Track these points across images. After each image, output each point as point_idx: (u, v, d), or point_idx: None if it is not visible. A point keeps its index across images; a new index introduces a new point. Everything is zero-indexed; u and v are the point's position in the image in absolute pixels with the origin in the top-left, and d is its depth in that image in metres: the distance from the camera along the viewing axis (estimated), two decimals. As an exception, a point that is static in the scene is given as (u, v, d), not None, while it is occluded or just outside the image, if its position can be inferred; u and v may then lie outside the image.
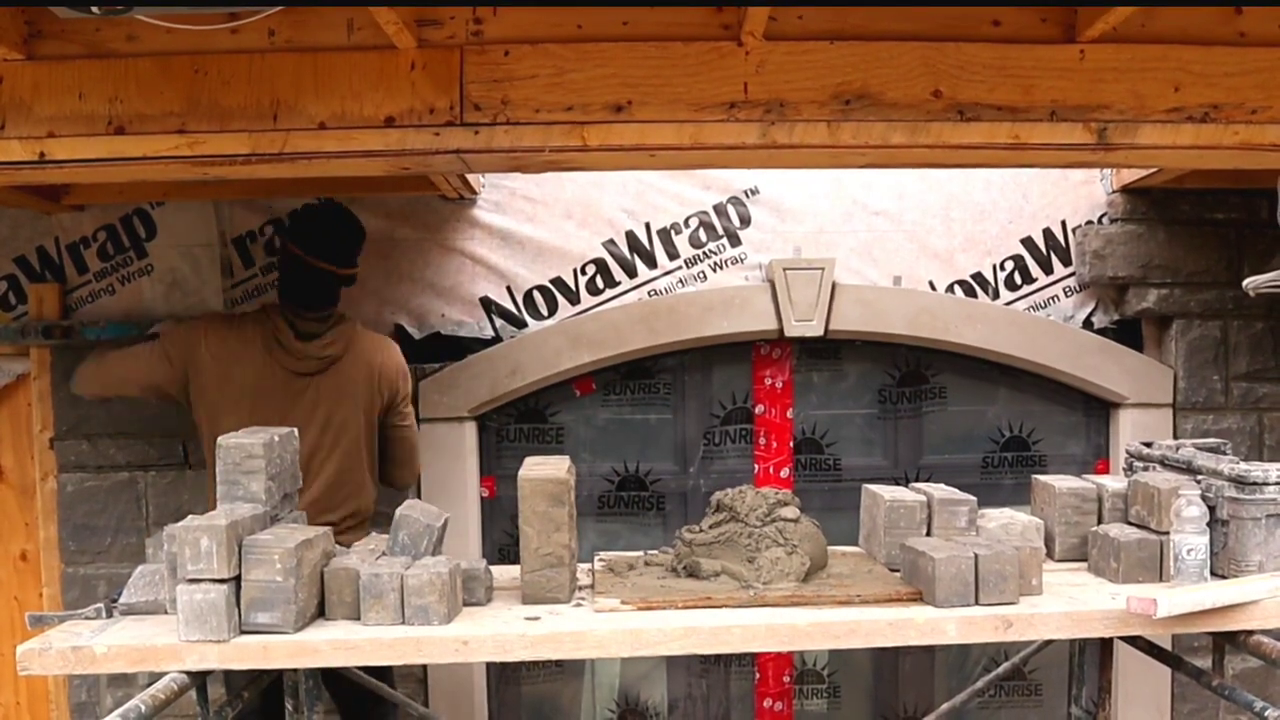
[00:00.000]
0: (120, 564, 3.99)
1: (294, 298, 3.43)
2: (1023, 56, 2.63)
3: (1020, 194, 4.22)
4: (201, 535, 2.41)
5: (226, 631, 2.43)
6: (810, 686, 4.38)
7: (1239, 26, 2.66)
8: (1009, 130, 2.64)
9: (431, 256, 4.12)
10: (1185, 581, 2.71)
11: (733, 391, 4.32)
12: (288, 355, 3.36)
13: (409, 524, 2.79)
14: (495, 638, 2.53)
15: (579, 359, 4.11)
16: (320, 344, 3.39)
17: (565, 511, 2.73)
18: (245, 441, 2.66)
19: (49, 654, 2.45)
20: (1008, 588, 2.64)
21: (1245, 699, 2.70)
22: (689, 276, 4.17)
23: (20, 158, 2.60)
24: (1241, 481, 2.79)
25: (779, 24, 2.56)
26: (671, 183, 4.14)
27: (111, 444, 4.01)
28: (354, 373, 3.44)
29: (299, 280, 3.43)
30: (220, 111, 2.58)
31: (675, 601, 2.67)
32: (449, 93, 2.59)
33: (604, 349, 4.12)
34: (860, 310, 4.15)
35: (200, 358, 3.37)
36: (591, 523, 4.25)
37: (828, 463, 4.34)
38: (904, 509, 3.01)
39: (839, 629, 2.58)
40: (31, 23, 2.56)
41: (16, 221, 4.04)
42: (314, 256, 3.39)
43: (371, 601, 2.55)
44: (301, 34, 2.59)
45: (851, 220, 4.21)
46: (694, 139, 2.62)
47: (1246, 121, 2.67)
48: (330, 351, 3.40)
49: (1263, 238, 4.06)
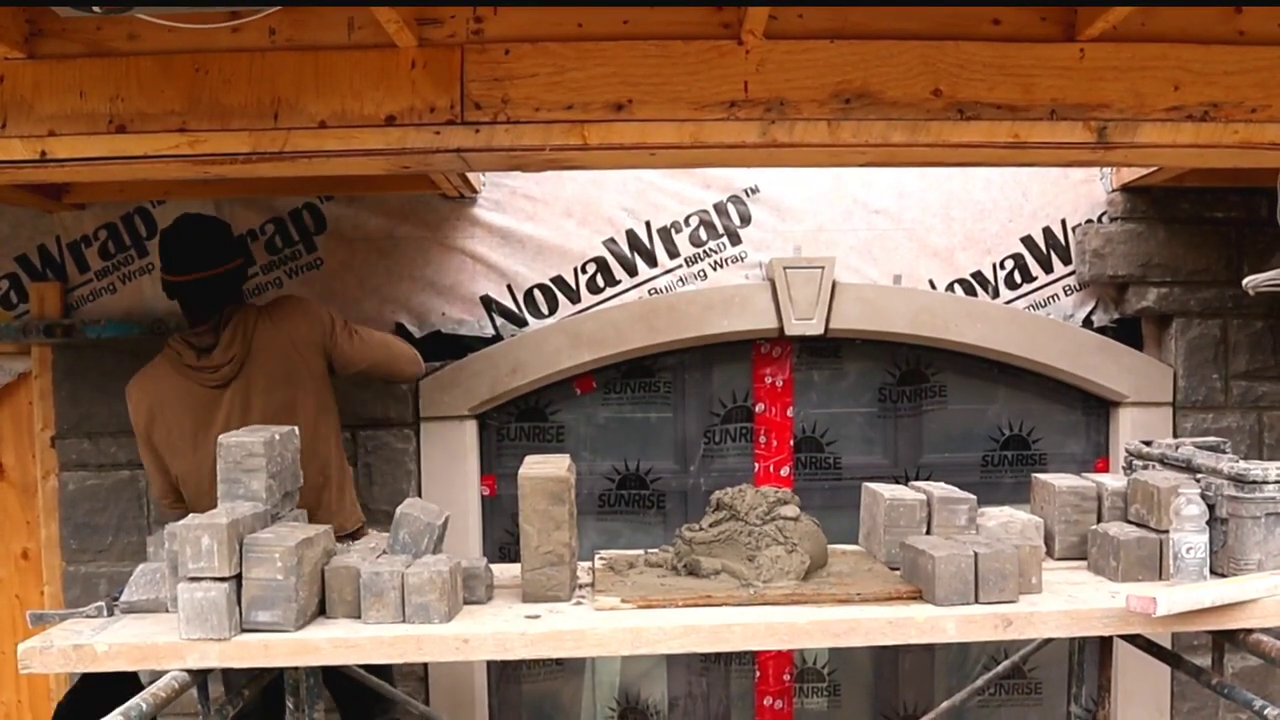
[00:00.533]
0: (121, 562, 4.00)
1: (185, 318, 3.38)
2: (1022, 55, 2.63)
3: (1020, 192, 4.23)
4: (202, 534, 2.41)
5: (227, 630, 2.43)
6: (810, 685, 4.38)
7: (1238, 25, 2.66)
8: (1009, 129, 2.65)
9: (432, 255, 4.13)
10: (1185, 580, 2.71)
11: (733, 390, 4.32)
12: (199, 374, 3.28)
13: (409, 522, 2.80)
14: (496, 636, 2.53)
15: (579, 357, 4.12)
16: (220, 351, 3.27)
17: (566, 510, 2.73)
18: (246, 440, 2.67)
19: (50, 652, 2.45)
20: (1007, 586, 2.64)
21: (1245, 697, 2.70)
22: (689, 275, 4.17)
23: (21, 156, 2.61)
24: (1241, 480, 2.80)
25: (779, 23, 2.57)
26: (672, 181, 4.15)
27: (113, 442, 4.01)
28: (270, 357, 3.31)
29: (176, 299, 3.36)
30: (221, 110, 2.59)
31: (675, 600, 2.67)
32: (449, 91, 2.59)
33: (604, 347, 4.12)
34: (860, 309, 4.15)
35: (146, 431, 3.32)
36: (592, 521, 4.26)
37: (828, 461, 4.35)
38: (904, 507, 3.01)
39: (839, 627, 2.58)
40: (33, 21, 2.57)
41: (18, 220, 4.05)
42: (169, 272, 3.33)
43: (372, 600, 2.55)
44: (302, 33, 2.59)
45: (851, 219, 4.21)
46: (694, 138, 2.62)
47: (1246, 120, 2.67)
48: (233, 353, 3.27)
49: (1262, 236, 4.07)
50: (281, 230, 4.09)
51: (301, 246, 4.09)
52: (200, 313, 3.32)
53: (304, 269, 4.09)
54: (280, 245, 4.09)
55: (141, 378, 3.37)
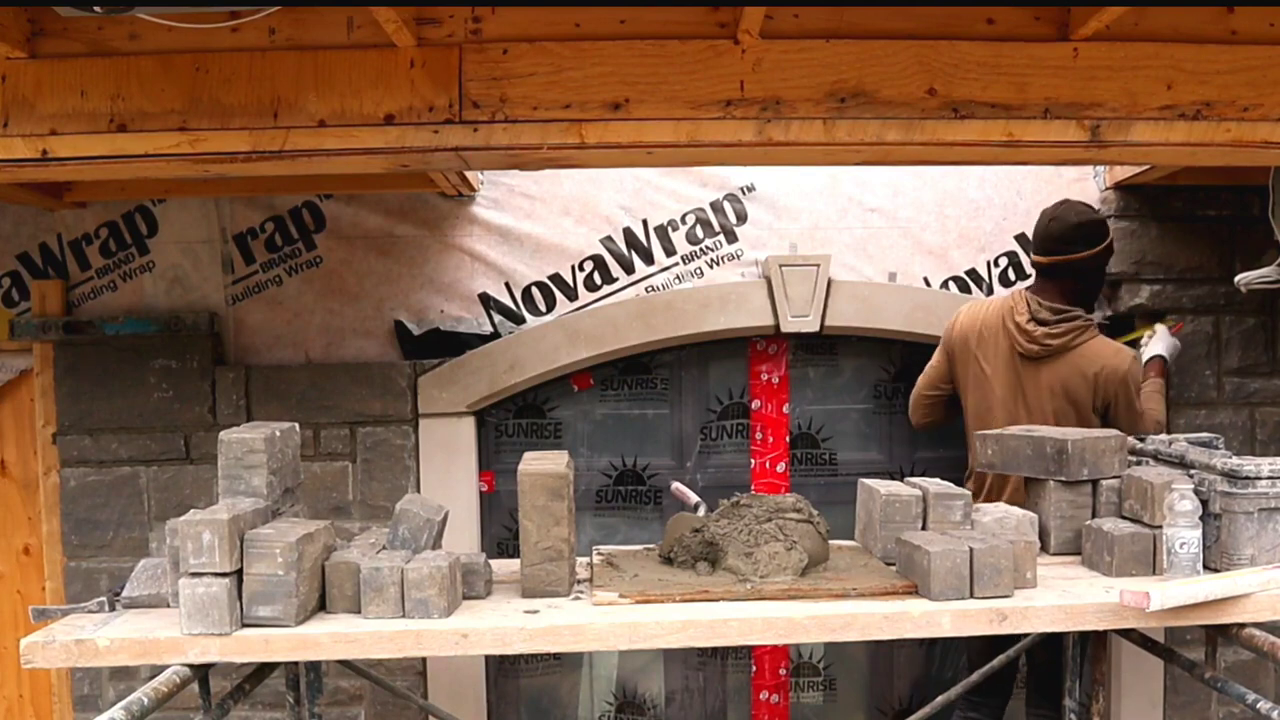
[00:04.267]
0: (122, 558, 4.02)
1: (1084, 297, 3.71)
2: (1016, 55, 2.65)
3: (1014, 191, 4.25)
4: (204, 529, 2.42)
5: (228, 625, 2.45)
6: (806, 679, 4.41)
7: (1230, 25, 2.68)
8: (1003, 128, 2.66)
9: (430, 253, 4.14)
10: (1178, 575, 2.72)
11: (729, 387, 4.34)
12: (1019, 335, 3.61)
13: (409, 518, 2.81)
14: (495, 631, 2.55)
15: (577, 355, 4.14)
16: (1047, 331, 3.58)
17: (564, 506, 2.75)
18: (246, 436, 2.68)
19: (52, 647, 2.46)
20: (1002, 581, 2.66)
21: (1237, 691, 2.72)
22: (686, 273, 4.19)
23: (23, 155, 2.62)
24: (1234, 476, 2.81)
25: (775, 22, 2.58)
26: (669, 180, 4.16)
27: (113, 439, 4.03)
28: (1073, 371, 3.58)
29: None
30: (221, 109, 2.60)
31: (673, 595, 2.69)
32: (448, 90, 2.61)
33: (602, 345, 4.14)
34: (855, 306, 4.17)
35: (950, 341, 3.81)
36: (589, 517, 4.28)
37: (823, 457, 4.37)
38: (899, 503, 3.03)
39: (835, 622, 2.60)
40: (34, 21, 2.59)
41: (19, 218, 4.07)
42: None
43: (372, 595, 2.57)
44: (302, 32, 2.61)
45: (847, 217, 4.23)
46: (691, 136, 2.64)
47: (1238, 119, 2.69)
48: (1054, 342, 3.57)
49: (1254, 234, 4.08)
50: (281, 229, 4.11)
51: (301, 245, 4.11)
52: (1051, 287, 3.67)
53: (304, 267, 4.11)
54: (280, 243, 4.11)
55: (976, 305, 3.85)
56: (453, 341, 4.15)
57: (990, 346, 3.69)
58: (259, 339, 4.13)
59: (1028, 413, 3.62)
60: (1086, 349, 3.59)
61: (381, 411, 4.08)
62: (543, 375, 4.17)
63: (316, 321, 4.14)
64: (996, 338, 3.68)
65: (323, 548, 2.67)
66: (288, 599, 2.49)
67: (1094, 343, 3.61)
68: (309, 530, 2.59)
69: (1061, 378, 3.58)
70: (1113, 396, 3.57)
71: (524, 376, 4.13)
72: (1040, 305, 3.62)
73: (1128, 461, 3.15)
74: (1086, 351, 3.58)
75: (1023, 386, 3.63)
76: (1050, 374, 3.59)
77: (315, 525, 2.67)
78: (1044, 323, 3.60)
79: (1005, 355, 3.66)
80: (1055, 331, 3.59)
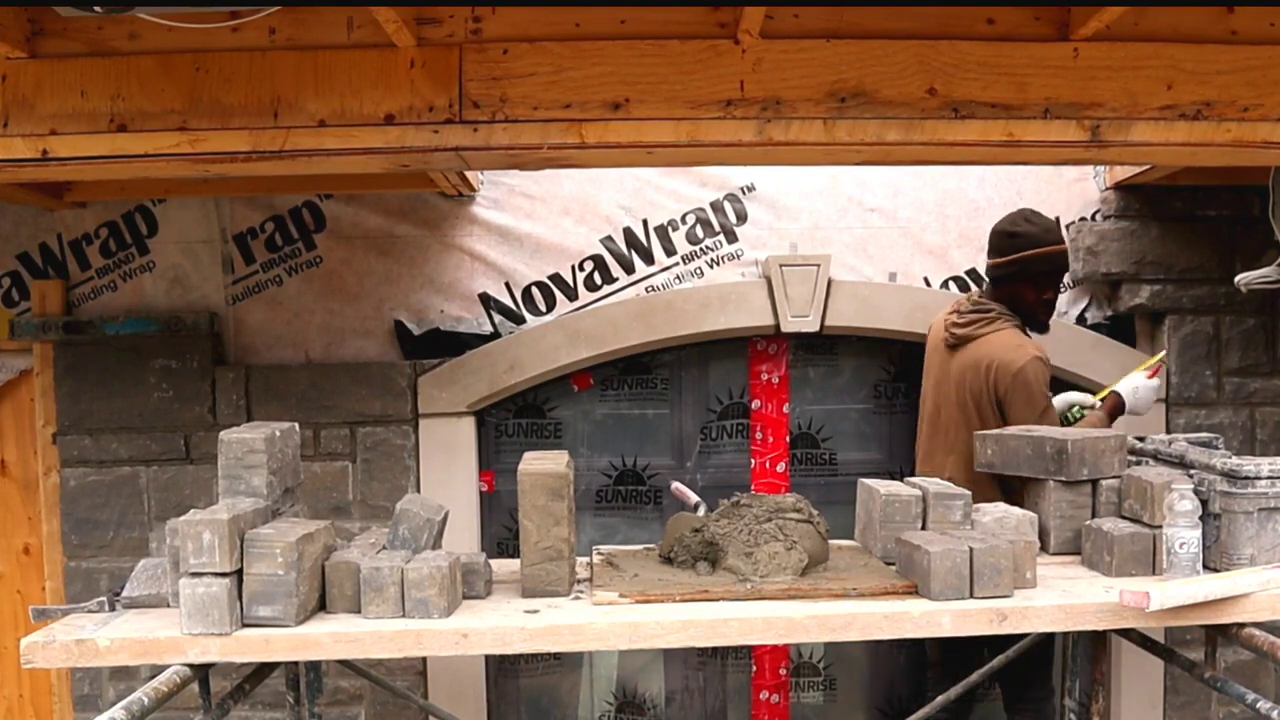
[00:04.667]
0: (122, 558, 4.02)
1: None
2: (1016, 54, 2.65)
3: (1014, 191, 4.25)
4: (204, 529, 2.42)
5: (228, 625, 2.44)
6: (806, 679, 4.41)
7: (1230, 25, 2.68)
8: (1003, 128, 2.66)
9: (431, 253, 4.14)
10: (1178, 575, 2.72)
11: (729, 387, 4.35)
12: (945, 328, 3.73)
13: (409, 518, 2.81)
14: (495, 630, 2.55)
15: (577, 355, 4.14)
16: (956, 320, 3.68)
17: (564, 505, 2.74)
18: (246, 436, 2.68)
19: (53, 647, 2.46)
20: (1002, 581, 2.66)
21: (1237, 691, 2.72)
22: (686, 273, 4.19)
23: (23, 155, 2.62)
24: (1233, 476, 2.81)
25: (775, 22, 2.58)
26: (669, 180, 4.17)
27: (113, 439, 4.03)
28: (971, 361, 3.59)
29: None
30: (221, 109, 2.60)
31: (673, 594, 2.69)
32: (448, 90, 2.61)
33: (602, 345, 4.14)
34: (855, 306, 4.17)
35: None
36: (589, 517, 4.28)
37: (823, 457, 4.37)
38: (899, 503, 3.03)
39: (835, 622, 2.59)
40: (34, 21, 2.59)
41: (19, 218, 4.07)
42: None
43: (372, 595, 2.56)
44: (302, 32, 2.61)
45: (847, 217, 4.23)
46: (691, 136, 2.64)
47: (1238, 119, 2.69)
48: (960, 331, 3.65)
49: (1254, 234, 4.09)
50: (281, 228, 4.11)
51: (301, 244, 4.11)
52: (991, 290, 3.76)
53: (304, 267, 4.12)
54: (280, 243, 4.11)
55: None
56: (453, 341, 4.15)
57: (934, 341, 3.81)
58: (259, 339, 4.13)
59: (942, 401, 3.69)
60: (987, 341, 3.58)
61: (381, 411, 4.08)
62: (543, 375, 4.17)
63: (316, 321, 4.14)
64: (939, 333, 3.78)
65: (323, 548, 2.67)
66: (288, 599, 2.48)
67: (997, 335, 3.58)
68: (309, 530, 2.59)
69: (964, 366, 3.62)
70: (1004, 394, 3.52)
71: (524, 376, 4.13)
72: (969, 300, 3.74)
73: (1127, 461, 3.15)
74: (985, 344, 3.58)
75: (941, 375, 3.72)
76: (958, 363, 3.65)
77: (315, 525, 2.67)
78: (962, 314, 3.69)
79: (940, 348, 3.75)
80: (962, 321, 3.66)
